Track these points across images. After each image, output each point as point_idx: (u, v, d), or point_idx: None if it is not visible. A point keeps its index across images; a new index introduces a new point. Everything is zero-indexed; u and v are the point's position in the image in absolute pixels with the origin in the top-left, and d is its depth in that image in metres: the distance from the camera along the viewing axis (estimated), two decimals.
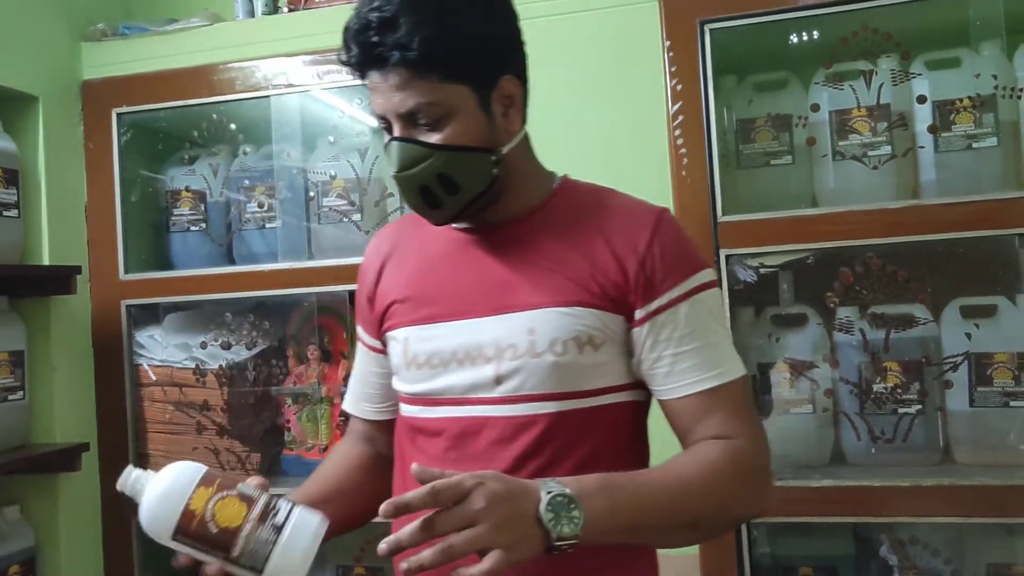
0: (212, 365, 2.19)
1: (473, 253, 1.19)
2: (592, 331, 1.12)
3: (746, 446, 1.09)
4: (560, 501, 0.93)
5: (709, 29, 1.80)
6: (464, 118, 1.10)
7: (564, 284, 1.12)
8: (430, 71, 1.06)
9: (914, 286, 1.82)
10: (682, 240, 1.16)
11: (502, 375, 1.12)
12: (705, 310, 1.13)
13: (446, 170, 1.10)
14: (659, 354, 1.12)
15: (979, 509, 1.68)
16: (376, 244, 1.34)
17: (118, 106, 2.21)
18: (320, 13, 2.12)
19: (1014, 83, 1.78)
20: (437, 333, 1.17)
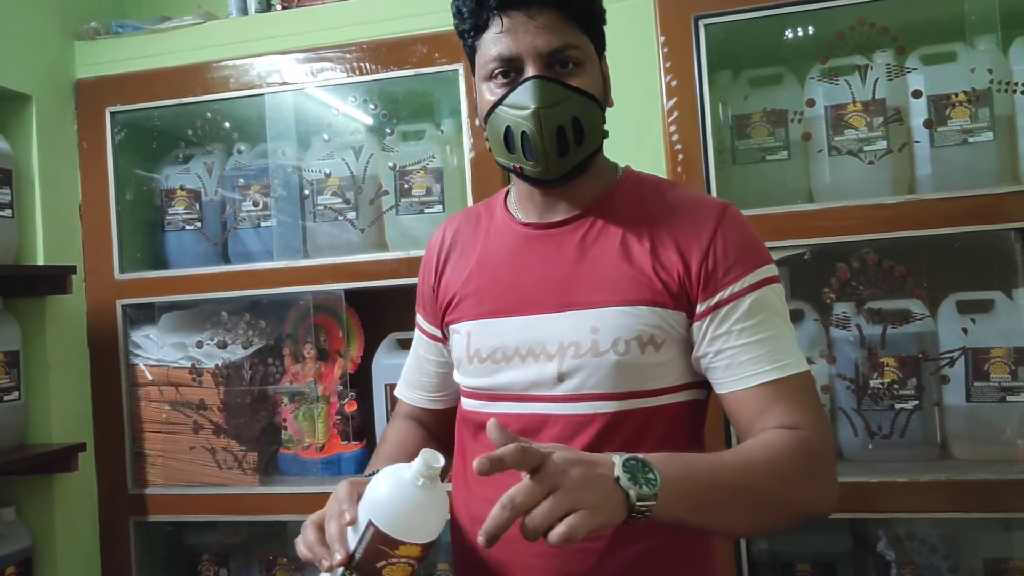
0: (208, 364, 2.18)
1: (537, 248, 1.20)
2: (654, 330, 1.12)
3: (812, 437, 1.07)
4: (634, 464, 0.91)
5: (703, 24, 1.80)
6: (593, 70, 1.15)
7: (627, 282, 1.13)
8: (577, 18, 1.12)
9: (910, 281, 1.82)
10: (746, 234, 1.16)
11: (564, 373, 1.13)
12: (768, 304, 1.13)
13: (579, 114, 1.12)
14: (721, 346, 1.12)
15: (976, 504, 1.68)
16: (439, 235, 1.35)
17: (112, 105, 2.20)
18: (313, 10, 2.11)
19: (1009, 77, 1.78)
20: (501, 328, 1.19)
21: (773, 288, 1.14)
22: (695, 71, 1.79)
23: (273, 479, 2.18)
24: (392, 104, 2.16)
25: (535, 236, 1.21)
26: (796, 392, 1.10)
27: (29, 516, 2.09)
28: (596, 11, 1.16)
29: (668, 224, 1.16)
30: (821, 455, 1.07)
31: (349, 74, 2.04)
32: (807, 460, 1.05)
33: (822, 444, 1.08)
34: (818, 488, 1.07)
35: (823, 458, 1.08)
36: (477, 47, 1.17)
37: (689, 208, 1.17)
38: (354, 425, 2.17)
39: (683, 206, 1.18)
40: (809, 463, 1.05)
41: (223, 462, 2.15)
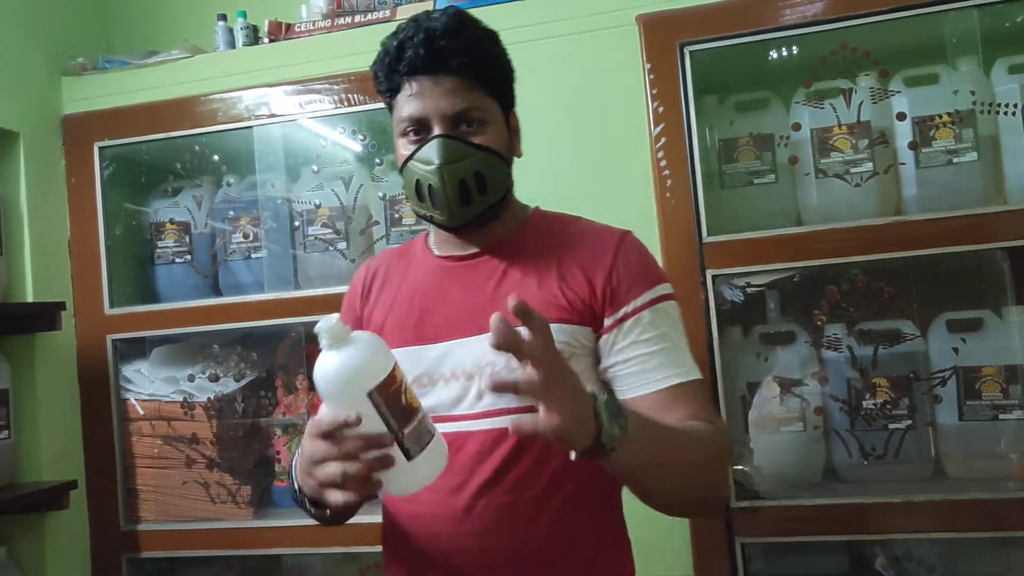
0: (200, 398, 2.17)
1: (456, 279, 1.30)
2: (563, 345, 1.19)
3: (718, 428, 1.20)
4: (612, 406, 0.99)
5: (689, 51, 1.81)
6: (497, 128, 1.26)
7: (537, 303, 1.19)
8: (480, 81, 1.23)
9: (900, 302, 1.83)
10: (644, 256, 1.29)
11: (483, 391, 1.21)
12: (667, 317, 1.24)
13: (482, 168, 1.23)
14: (628, 355, 1.22)
15: (972, 523, 1.68)
16: (363, 271, 1.43)
17: (100, 140, 2.20)
18: (300, 43, 2.12)
19: (992, 98, 1.80)
20: (425, 355, 1.26)
21: (670, 304, 1.26)
22: (681, 97, 1.81)
23: (267, 512, 2.16)
24: (381, 134, 2.17)
25: (453, 268, 1.31)
26: (697, 395, 1.22)
27: (20, 556, 2.06)
28: (500, 74, 1.27)
29: (573, 251, 1.27)
30: (728, 447, 1.23)
31: (337, 105, 2.05)
32: (721, 447, 1.19)
33: (727, 439, 1.23)
34: (724, 475, 1.25)
35: (728, 451, 1.24)
36: (393, 105, 1.28)
37: (592, 236, 1.30)
38: None
39: (586, 235, 1.30)
40: (722, 450, 1.20)
41: (216, 496, 2.13)
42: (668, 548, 1.81)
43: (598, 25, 1.91)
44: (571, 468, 1.14)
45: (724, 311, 1.84)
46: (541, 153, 1.93)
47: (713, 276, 1.79)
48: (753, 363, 1.91)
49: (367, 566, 2.13)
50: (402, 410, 1.02)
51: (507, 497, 1.19)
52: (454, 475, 1.20)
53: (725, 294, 1.87)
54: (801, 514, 1.75)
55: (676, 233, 1.80)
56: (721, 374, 1.77)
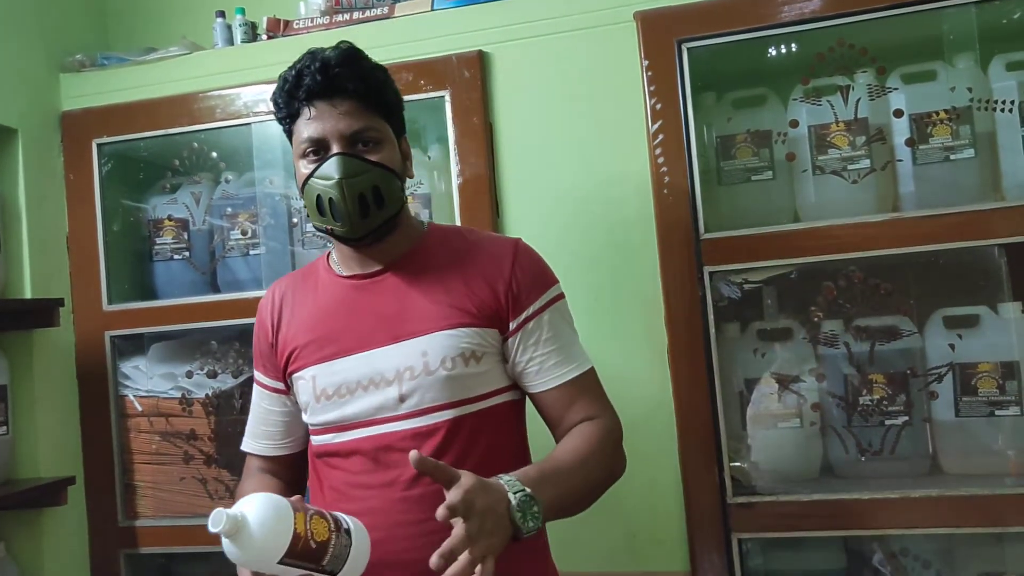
0: (198, 394, 2.18)
1: (365, 295, 1.38)
2: (474, 346, 1.32)
3: (609, 422, 1.35)
4: (525, 501, 1.12)
5: (686, 48, 1.82)
6: (391, 148, 1.36)
7: (447, 311, 1.33)
8: (374, 104, 1.33)
9: (897, 298, 1.83)
10: (537, 262, 1.41)
11: (404, 394, 1.31)
12: (560, 317, 1.38)
13: (379, 183, 1.32)
14: (531, 355, 1.35)
15: (968, 518, 1.69)
16: (269, 298, 1.50)
17: (98, 137, 2.20)
18: (299, 40, 2.12)
19: (989, 95, 1.81)
20: (342, 367, 1.35)
21: (562, 303, 1.40)
22: (679, 94, 1.81)
23: None
24: None
25: (360, 285, 1.39)
26: (591, 385, 1.37)
27: (18, 551, 2.07)
28: (391, 101, 1.37)
29: (473, 262, 1.37)
30: (617, 435, 1.36)
31: None
32: (613, 444, 1.34)
33: (615, 425, 1.36)
34: (620, 462, 1.36)
35: (618, 437, 1.36)
36: (293, 131, 1.37)
37: (488, 246, 1.40)
38: None
39: (483, 245, 1.41)
40: (614, 446, 1.34)
41: (214, 492, 2.13)
42: (665, 543, 1.82)
43: (596, 22, 1.91)
44: (490, 456, 1.31)
45: (721, 308, 1.85)
46: (538, 151, 1.94)
47: (710, 273, 1.79)
48: (750, 359, 1.91)
49: None
50: (314, 553, 1.10)
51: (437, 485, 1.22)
52: (385, 473, 1.31)
53: (722, 291, 1.87)
54: (798, 510, 1.75)
55: (674, 230, 1.80)
56: (718, 370, 1.77)
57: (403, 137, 1.42)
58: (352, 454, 1.34)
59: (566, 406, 1.35)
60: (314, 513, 1.13)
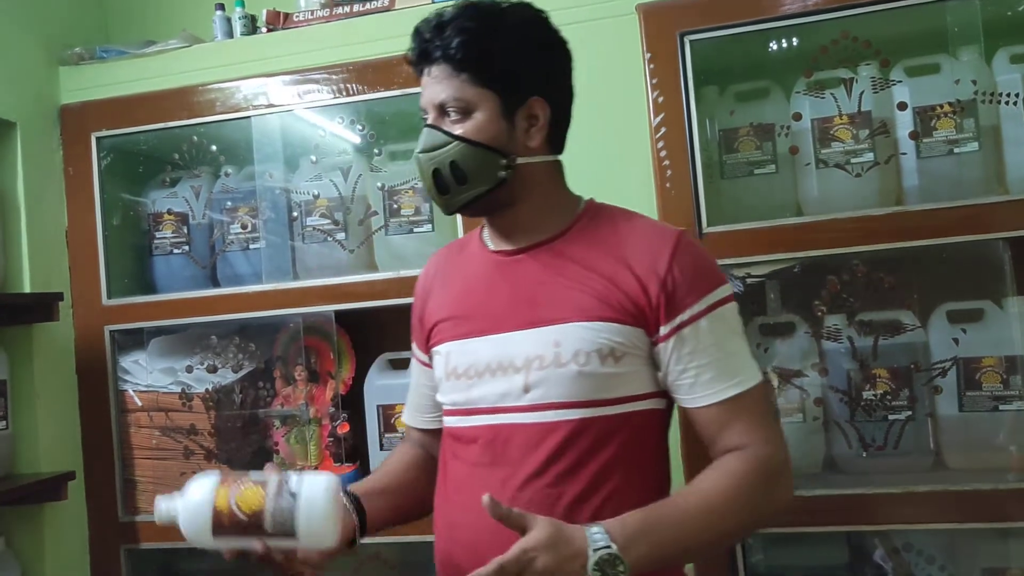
0: (198, 389, 2.17)
1: (506, 273, 1.30)
2: (613, 344, 1.21)
3: (764, 451, 1.20)
4: (606, 560, 1.03)
5: (689, 40, 1.80)
6: (484, 119, 1.24)
7: (587, 300, 1.22)
8: (463, 71, 1.23)
9: (900, 292, 1.82)
10: (700, 259, 1.26)
11: (530, 384, 1.22)
12: (724, 323, 1.23)
13: (458, 159, 1.23)
14: (685, 366, 1.21)
15: (972, 514, 1.68)
16: (426, 269, 1.48)
17: (97, 130, 2.19)
18: (299, 33, 2.11)
19: (993, 88, 1.79)
20: (474, 347, 1.29)
21: (728, 307, 1.24)
22: (681, 87, 1.80)
23: None
24: (379, 124, 2.16)
25: (503, 262, 1.32)
26: (751, 406, 1.21)
27: (19, 546, 2.06)
28: (493, 63, 1.24)
29: (625, 250, 1.25)
30: (776, 468, 1.20)
31: (336, 95, 2.04)
32: (763, 480, 1.18)
33: (773, 454, 1.20)
34: (775, 500, 1.20)
35: (778, 470, 1.21)
36: None
37: (645, 235, 1.27)
38: (347, 447, 2.16)
39: (639, 233, 1.27)
40: (766, 482, 1.19)
41: None
42: None
43: (598, 15, 1.90)
44: (615, 467, 1.20)
45: None
46: None
47: None
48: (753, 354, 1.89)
49: (366, 557, 2.13)
50: (248, 523, 1.12)
51: (550, 490, 1.20)
52: (502, 467, 1.23)
53: None
54: (800, 505, 1.72)
55: (676, 223, 1.75)
56: None
57: (527, 101, 1.26)
58: (472, 442, 1.27)
59: (718, 429, 1.21)
60: (246, 486, 1.13)
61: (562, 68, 1.33)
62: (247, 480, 1.14)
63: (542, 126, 1.28)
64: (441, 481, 1.35)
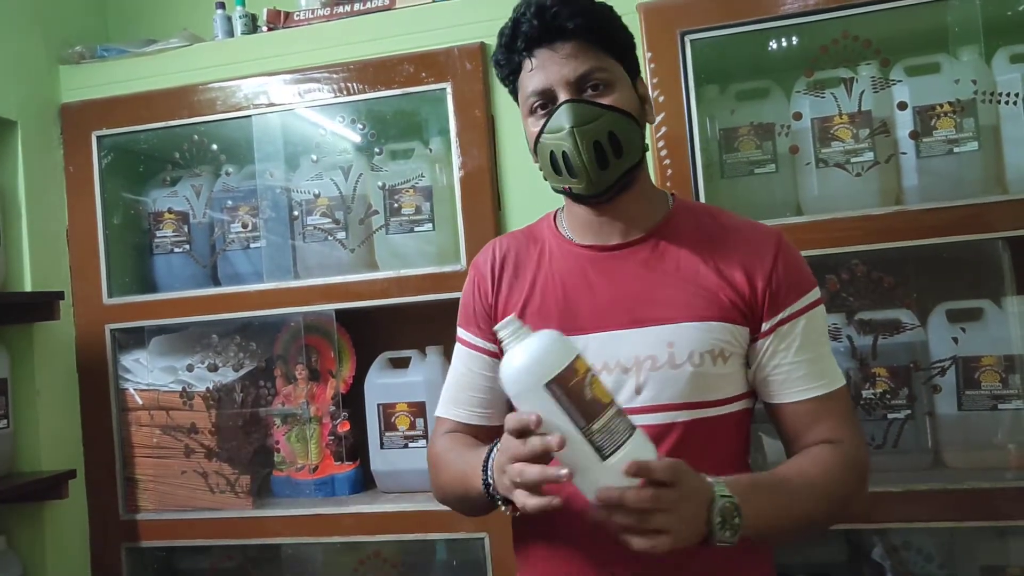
0: (199, 387, 2.17)
1: (605, 268, 1.27)
2: (723, 344, 1.22)
3: (853, 449, 1.21)
4: (728, 508, 1.03)
5: (690, 39, 1.81)
6: (624, 89, 1.24)
7: (697, 299, 1.22)
8: (600, 42, 1.22)
9: (900, 291, 1.83)
10: (799, 259, 1.29)
11: (641, 385, 1.20)
12: (817, 324, 1.25)
13: (615, 128, 1.21)
14: (780, 361, 1.23)
15: (971, 512, 1.68)
16: (490, 254, 1.39)
17: (98, 129, 2.19)
18: (299, 32, 2.11)
19: (993, 87, 1.80)
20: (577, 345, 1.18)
21: (820, 309, 1.27)
22: (682, 86, 1.80)
23: (266, 502, 2.16)
24: (380, 123, 2.16)
25: (600, 258, 1.28)
26: (839, 405, 1.24)
27: (20, 545, 2.06)
28: (620, 38, 1.25)
29: (729, 247, 1.26)
30: (862, 464, 1.22)
31: (336, 94, 2.04)
32: (852, 472, 1.20)
33: (861, 453, 1.23)
34: (859, 494, 1.22)
35: (863, 466, 1.23)
36: (518, 88, 1.28)
37: (747, 232, 1.28)
38: (347, 445, 2.16)
39: (740, 230, 1.29)
40: (853, 474, 1.20)
41: (215, 486, 2.13)
42: None
43: None
44: (720, 465, 1.16)
45: None
46: None
47: None
48: None
49: (367, 556, 2.13)
50: (586, 404, 1.00)
51: None
52: None
53: None
54: None
55: None
56: None
57: (639, 79, 1.29)
58: None
59: (808, 424, 1.22)
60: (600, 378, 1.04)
61: None
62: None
63: (650, 104, 1.30)
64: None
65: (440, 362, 2.11)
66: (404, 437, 2.08)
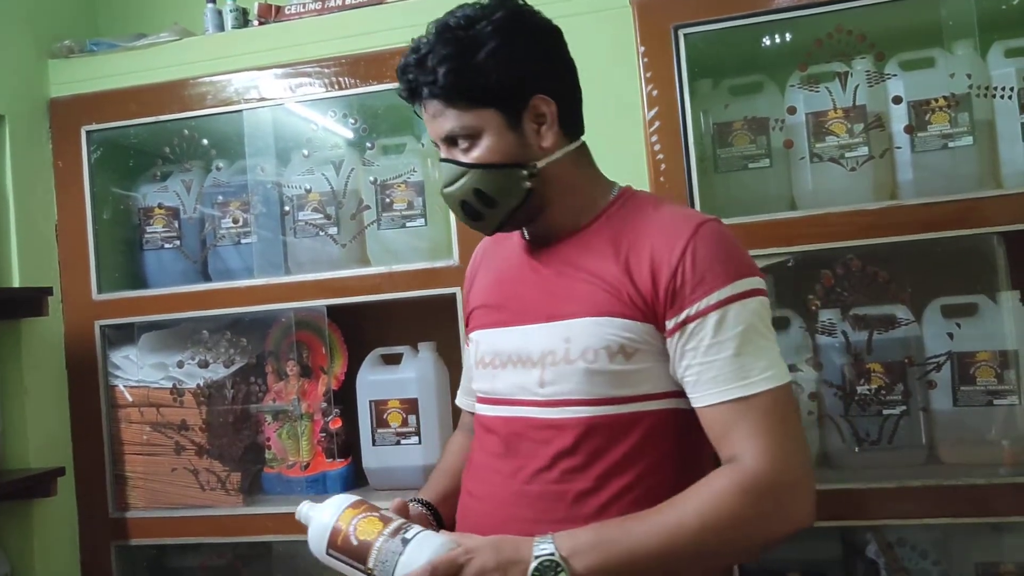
0: (189, 384, 2.15)
1: (534, 264, 1.30)
2: (623, 340, 1.18)
3: (754, 466, 1.10)
4: (547, 566, 1.04)
5: (683, 34, 1.79)
6: (492, 139, 1.22)
7: (599, 295, 1.20)
8: (456, 100, 1.20)
9: (895, 287, 1.82)
10: (718, 250, 1.17)
11: (545, 379, 1.22)
12: (739, 320, 1.14)
13: (480, 185, 1.22)
14: (689, 362, 1.16)
15: (966, 509, 1.68)
16: (473, 257, 1.49)
17: (87, 123, 2.17)
18: (290, 26, 2.10)
19: (988, 82, 1.79)
20: (501, 337, 1.30)
21: (746, 303, 1.15)
22: (675, 80, 1.79)
23: (257, 499, 2.15)
24: (372, 118, 2.14)
25: (535, 254, 1.31)
26: (758, 412, 1.12)
27: (8, 542, 2.05)
28: (482, 81, 1.20)
29: (646, 240, 1.20)
30: (768, 486, 1.09)
31: (328, 89, 2.02)
32: (749, 499, 1.08)
33: (769, 473, 1.09)
34: (769, 522, 1.10)
35: (770, 488, 1.10)
36: None
37: (667, 224, 1.21)
38: (339, 442, 2.15)
39: (662, 222, 1.22)
40: (751, 501, 1.08)
41: (206, 483, 2.11)
42: None
43: (591, 7, 1.89)
44: (626, 465, 1.18)
45: None
46: None
47: None
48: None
49: None
50: (357, 551, 1.13)
51: (557, 486, 1.20)
52: (514, 459, 1.24)
53: None
54: None
55: None
56: None
57: (528, 103, 1.22)
58: (491, 431, 1.29)
59: (721, 433, 1.14)
60: (371, 515, 1.16)
61: (555, 54, 1.29)
62: (377, 512, 1.18)
63: (552, 122, 1.24)
64: (467, 467, 1.37)
65: (432, 358, 2.10)
66: (396, 434, 2.07)
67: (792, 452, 1.12)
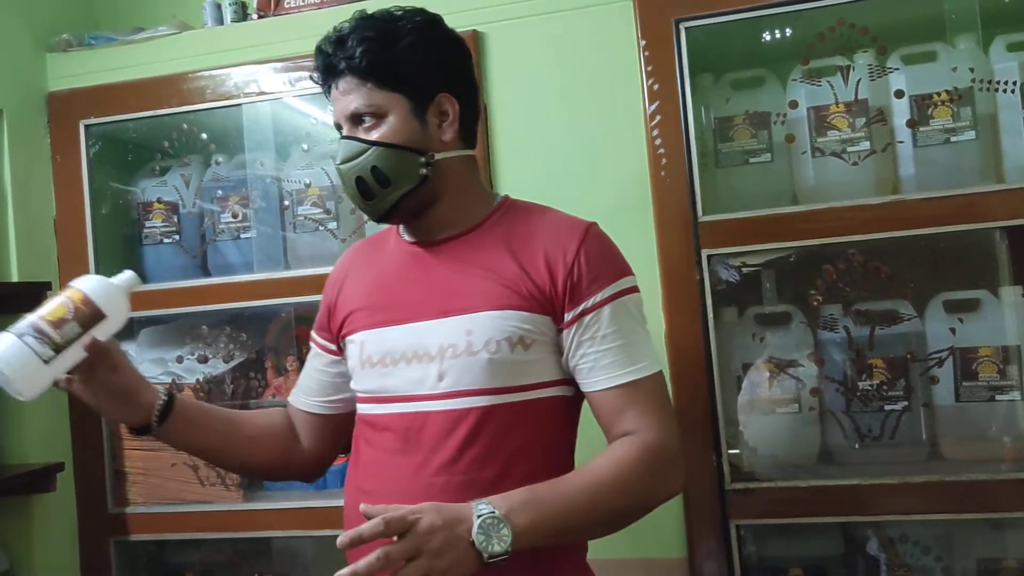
0: (189, 379, 2.15)
1: (422, 264, 1.36)
2: (523, 332, 1.26)
3: (652, 438, 1.24)
4: (490, 523, 1.08)
5: (684, 28, 1.79)
6: (397, 121, 1.29)
7: (498, 290, 1.28)
8: (369, 77, 1.28)
9: (897, 282, 1.81)
10: (606, 250, 1.32)
11: (443, 372, 1.27)
12: (626, 313, 1.29)
13: (378, 163, 1.28)
14: (585, 351, 1.27)
15: (968, 505, 1.68)
16: (339, 264, 1.52)
17: (86, 118, 2.16)
18: (290, 19, 2.09)
19: (990, 76, 1.78)
20: (390, 336, 1.33)
21: (631, 298, 1.30)
22: (677, 74, 1.78)
23: (257, 495, 2.14)
24: None
25: (419, 253, 1.37)
26: (647, 394, 1.27)
27: (7, 538, 2.04)
28: (396, 67, 1.29)
29: (536, 241, 1.31)
30: (663, 456, 1.24)
31: None
32: (650, 465, 1.23)
33: (661, 443, 1.24)
34: (661, 487, 1.26)
35: (665, 458, 1.25)
36: None
37: (556, 227, 1.32)
38: None
39: (550, 226, 1.33)
40: (652, 467, 1.23)
41: (205, 479, 2.11)
42: (662, 530, 1.80)
43: (592, 1, 1.88)
44: (526, 452, 1.26)
45: (719, 291, 1.82)
46: (534, 132, 1.91)
47: (708, 256, 1.77)
48: (749, 344, 1.89)
49: None
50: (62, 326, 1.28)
51: (465, 476, 1.24)
52: (416, 454, 1.27)
53: (720, 274, 1.85)
54: (795, 496, 1.74)
55: (671, 212, 1.78)
56: (716, 355, 1.75)
57: (435, 98, 1.32)
58: (385, 429, 1.31)
59: (615, 413, 1.26)
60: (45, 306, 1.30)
61: (463, 65, 1.38)
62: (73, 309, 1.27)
63: (453, 120, 1.33)
64: (352, 467, 1.39)
65: None
66: None
67: (674, 427, 1.29)
